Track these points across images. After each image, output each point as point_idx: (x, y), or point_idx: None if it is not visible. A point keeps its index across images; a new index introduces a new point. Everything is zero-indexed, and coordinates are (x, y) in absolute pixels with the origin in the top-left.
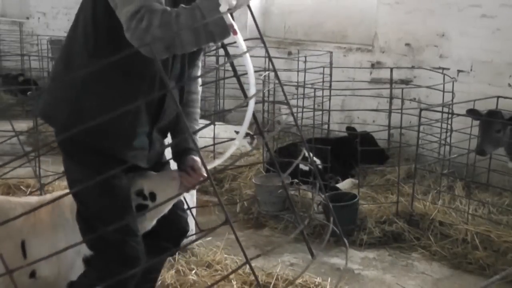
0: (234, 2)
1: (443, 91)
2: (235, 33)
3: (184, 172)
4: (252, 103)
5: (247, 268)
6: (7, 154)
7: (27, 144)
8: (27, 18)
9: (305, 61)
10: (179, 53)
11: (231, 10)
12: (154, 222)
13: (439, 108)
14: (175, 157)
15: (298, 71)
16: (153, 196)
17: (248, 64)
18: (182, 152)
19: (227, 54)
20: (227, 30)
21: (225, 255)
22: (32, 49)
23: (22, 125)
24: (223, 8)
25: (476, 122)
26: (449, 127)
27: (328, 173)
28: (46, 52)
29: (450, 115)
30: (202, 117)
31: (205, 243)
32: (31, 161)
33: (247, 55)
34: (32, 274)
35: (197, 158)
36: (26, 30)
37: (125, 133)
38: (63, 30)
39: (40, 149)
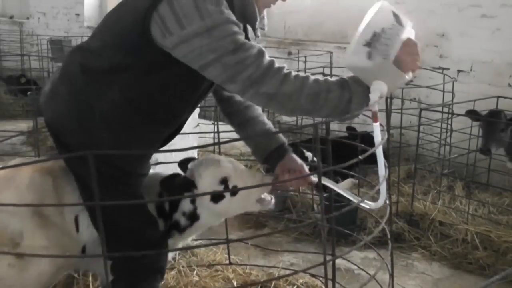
0: (385, 90)
1: (443, 91)
2: (375, 120)
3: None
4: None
5: (247, 268)
6: (7, 154)
7: (27, 144)
8: (27, 18)
9: (305, 61)
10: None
11: (377, 101)
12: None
13: (439, 108)
14: (267, 158)
15: (298, 71)
16: (234, 192)
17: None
18: (278, 149)
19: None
20: (351, 118)
21: (225, 255)
22: (32, 49)
23: (22, 125)
24: (373, 96)
25: (476, 122)
26: (449, 127)
27: (328, 173)
28: (46, 52)
29: (450, 115)
30: (203, 117)
31: (205, 243)
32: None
33: (380, 147)
34: (83, 250)
35: (297, 158)
36: (26, 30)
37: (134, 167)
38: (63, 30)
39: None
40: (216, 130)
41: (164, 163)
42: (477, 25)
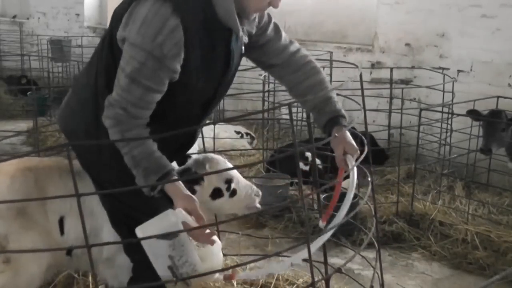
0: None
1: (443, 91)
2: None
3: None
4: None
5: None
6: (7, 154)
7: (27, 144)
8: (27, 18)
9: None
10: None
11: None
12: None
13: (439, 108)
14: (325, 126)
15: None
16: (233, 194)
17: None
18: (332, 119)
19: None
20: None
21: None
22: (32, 49)
23: (22, 125)
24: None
25: (476, 122)
26: (449, 127)
27: (328, 173)
28: (46, 52)
29: (450, 115)
30: None
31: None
32: None
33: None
34: (68, 252)
35: (347, 135)
36: (26, 30)
37: None
38: (63, 30)
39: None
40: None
41: None
42: (477, 25)
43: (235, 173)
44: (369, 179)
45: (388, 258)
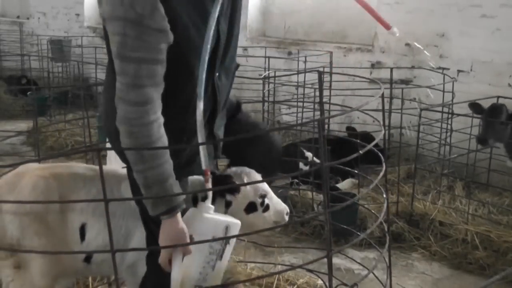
0: None
1: (443, 91)
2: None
3: None
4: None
5: (248, 268)
6: (7, 154)
7: (27, 144)
8: (27, 18)
9: (305, 61)
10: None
11: None
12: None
13: (439, 108)
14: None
15: (298, 72)
16: (266, 209)
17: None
18: None
19: None
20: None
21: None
22: (32, 49)
23: (22, 125)
24: None
25: (476, 122)
26: (449, 127)
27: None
28: (46, 52)
29: (450, 115)
30: None
31: None
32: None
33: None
34: (87, 259)
35: None
36: (26, 30)
37: (183, 157)
38: (63, 30)
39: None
40: None
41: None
42: (477, 25)
43: (268, 188)
44: (375, 181)
45: (387, 254)
